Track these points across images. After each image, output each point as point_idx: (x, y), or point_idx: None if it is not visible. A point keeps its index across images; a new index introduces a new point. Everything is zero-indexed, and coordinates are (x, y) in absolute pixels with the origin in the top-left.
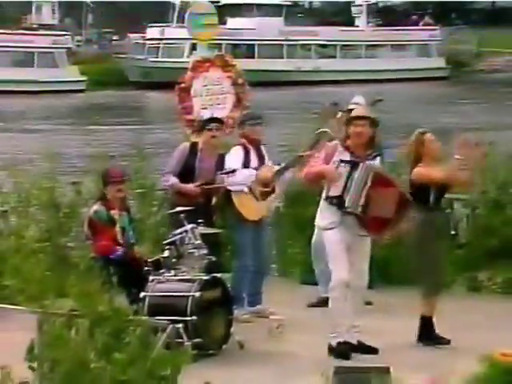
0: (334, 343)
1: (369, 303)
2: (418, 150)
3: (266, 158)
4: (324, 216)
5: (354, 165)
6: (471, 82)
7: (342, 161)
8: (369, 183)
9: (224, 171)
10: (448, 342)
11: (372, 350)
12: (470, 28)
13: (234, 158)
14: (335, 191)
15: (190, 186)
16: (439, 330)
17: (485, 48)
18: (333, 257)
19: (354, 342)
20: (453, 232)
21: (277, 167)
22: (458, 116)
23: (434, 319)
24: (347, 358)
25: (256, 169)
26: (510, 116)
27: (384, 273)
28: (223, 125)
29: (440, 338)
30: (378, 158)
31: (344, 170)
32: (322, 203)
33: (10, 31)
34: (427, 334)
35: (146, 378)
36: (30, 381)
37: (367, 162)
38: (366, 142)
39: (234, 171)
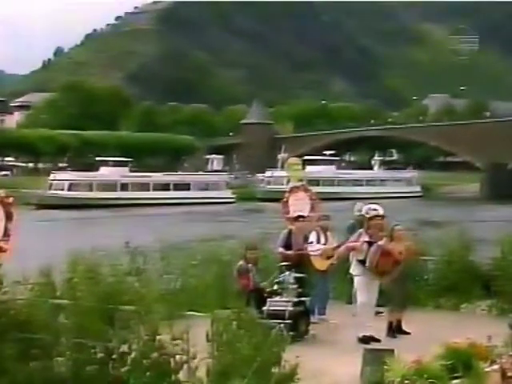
0: (361, 336)
1: (380, 312)
2: (390, 235)
3: (330, 238)
4: (355, 268)
5: (370, 243)
6: (435, 199)
7: (365, 241)
8: (378, 253)
9: (306, 244)
10: (408, 333)
11: (377, 340)
12: (432, 172)
13: (312, 237)
14: (360, 256)
15: (290, 252)
16: (415, 329)
17: (441, 182)
18: (360, 289)
19: (369, 334)
20: (425, 277)
21: (335, 244)
22: (433, 213)
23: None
24: (368, 343)
25: (324, 244)
26: (459, 213)
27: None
28: (305, 220)
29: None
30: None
31: (366, 246)
32: (354, 261)
33: (211, 173)
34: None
35: (265, 352)
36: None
37: (378, 243)
38: (380, 230)
39: (311, 243)
